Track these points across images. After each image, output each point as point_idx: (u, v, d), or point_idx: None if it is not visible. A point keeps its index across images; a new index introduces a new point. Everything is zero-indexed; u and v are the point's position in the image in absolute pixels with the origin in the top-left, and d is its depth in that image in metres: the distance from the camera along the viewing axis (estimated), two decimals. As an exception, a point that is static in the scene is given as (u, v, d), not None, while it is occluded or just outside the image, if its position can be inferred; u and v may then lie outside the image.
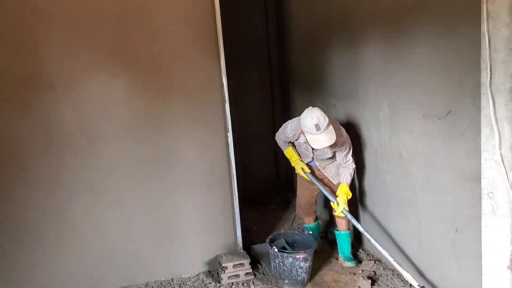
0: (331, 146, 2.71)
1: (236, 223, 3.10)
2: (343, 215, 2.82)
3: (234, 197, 3.08)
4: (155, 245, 2.95)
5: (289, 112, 4.34)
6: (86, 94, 2.66)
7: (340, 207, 2.78)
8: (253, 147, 4.62)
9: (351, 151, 2.86)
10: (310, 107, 2.72)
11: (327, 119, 2.62)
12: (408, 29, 2.41)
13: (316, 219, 3.40)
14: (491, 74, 1.88)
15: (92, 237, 2.81)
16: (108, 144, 2.75)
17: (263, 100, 4.69)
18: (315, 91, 3.68)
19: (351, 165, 2.87)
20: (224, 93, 2.92)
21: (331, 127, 2.63)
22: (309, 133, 2.65)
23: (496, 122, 1.89)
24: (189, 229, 3.01)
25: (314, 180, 3.00)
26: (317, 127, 2.58)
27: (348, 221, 3.00)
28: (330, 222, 3.78)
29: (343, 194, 2.81)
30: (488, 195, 2.00)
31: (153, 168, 2.86)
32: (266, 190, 4.68)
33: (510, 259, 1.99)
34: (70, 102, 2.64)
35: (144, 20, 2.69)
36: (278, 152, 4.75)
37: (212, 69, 2.88)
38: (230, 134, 2.98)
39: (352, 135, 2.94)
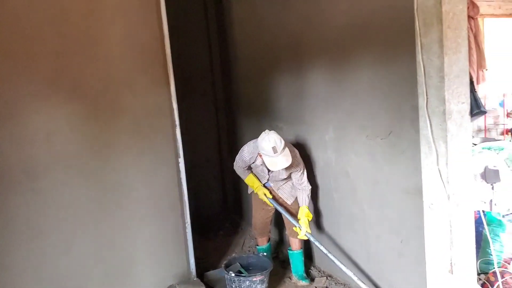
0: (287, 168, 2.81)
1: (189, 251, 3.04)
2: (306, 238, 2.89)
3: (186, 224, 3.03)
4: (106, 284, 2.77)
5: (236, 137, 4.40)
6: (26, 125, 2.47)
7: (302, 231, 2.85)
8: (200, 173, 4.60)
9: (305, 172, 2.98)
10: (267, 130, 2.81)
11: (283, 141, 2.72)
12: (352, 58, 2.63)
13: (269, 239, 3.46)
14: (427, 98, 2.13)
15: (34, 281, 2.56)
16: (51, 178, 2.55)
17: (208, 126, 4.72)
18: (262, 116, 3.79)
19: (307, 186, 2.98)
20: (175, 119, 2.90)
21: (287, 149, 2.74)
22: (266, 155, 2.72)
23: (433, 141, 2.12)
24: (141, 262, 2.88)
25: (276, 205, 3.07)
26: (274, 149, 2.67)
27: (301, 240, 3.10)
28: (280, 242, 3.85)
29: (305, 217, 2.89)
30: (429, 207, 2.22)
31: (101, 202, 2.71)
32: (214, 215, 4.66)
33: (450, 263, 2.21)
34: (7, 133, 2.43)
35: (90, 47, 2.61)
36: (226, 177, 4.79)
37: (162, 96, 2.86)
38: (181, 160, 2.96)
39: (301, 156, 3.08)
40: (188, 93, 4.40)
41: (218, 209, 4.81)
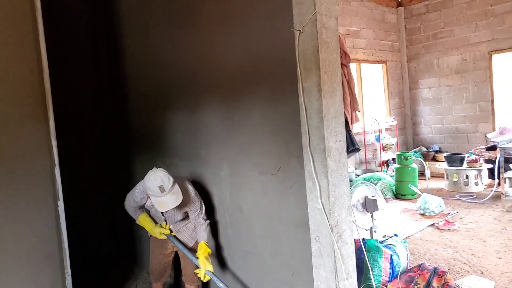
0: (179, 207, 2.72)
1: (71, 305, 2.72)
2: (208, 278, 2.76)
3: (66, 275, 2.72)
4: None
5: (128, 174, 4.17)
6: None
7: (202, 271, 2.74)
8: (88, 215, 4.22)
9: (203, 209, 2.90)
10: (154, 168, 2.69)
11: (171, 179, 2.62)
12: (245, 98, 2.72)
13: (164, 285, 3.25)
14: (309, 137, 2.28)
15: None
16: None
17: (98, 163, 4.40)
18: (156, 152, 3.68)
19: (204, 221, 2.89)
20: (54, 158, 2.65)
21: (176, 187, 2.64)
22: (153, 195, 2.60)
23: (316, 176, 2.27)
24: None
25: (174, 241, 2.91)
26: (161, 188, 2.56)
27: (198, 279, 2.98)
28: (176, 286, 3.68)
29: (202, 254, 2.79)
30: (315, 239, 2.34)
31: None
32: (104, 261, 4.27)
33: (337, 293, 2.33)
34: None
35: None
36: (118, 219, 4.46)
37: (39, 132, 2.60)
38: (61, 203, 2.68)
39: (198, 194, 3.03)
40: (73, 129, 4.09)
41: (108, 253, 4.44)
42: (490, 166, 6.37)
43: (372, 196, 3.77)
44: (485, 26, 7.64)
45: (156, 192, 2.56)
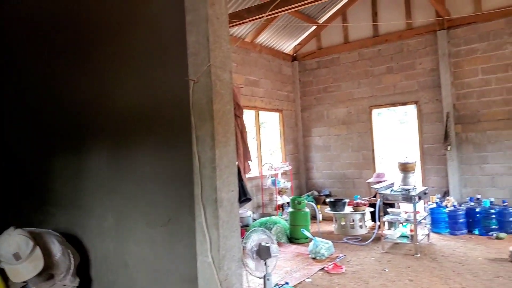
0: (42, 273, 2.33)
1: None
2: None
3: None
4: None
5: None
6: None
7: None
8: None
9: (70, 271, 2.56)
10: (11, 229, 2.28)
11: (31, 244, 2.25)
12: (136, 144, 2.59)
13: None
14: (202, 187, 2.23)
15: None
16: None
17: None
18: (30, 201, 3.25)
19: (70, 284, 2.55)
20: None
21: (37, 251, 2.27)
22: (6, 263, 2.19)
23: (207, 228, 2.20)
24: None
25: None
26: (17, 256, 2.18)
27: None
28: None
29: None
30: (205, 294, 2.24)
31: None
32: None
33: None
34: None
35: None
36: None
37: None
38: None
39: (75, 247, 2.72)
40: None
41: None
42: (372, 210, 6.98)
43: (266, 243, 3.80)
44: (366, 84, 8.65)
45: (10, 259, 2.16)
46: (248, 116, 7.35)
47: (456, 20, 7.47)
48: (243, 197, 2.10)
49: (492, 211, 6.45)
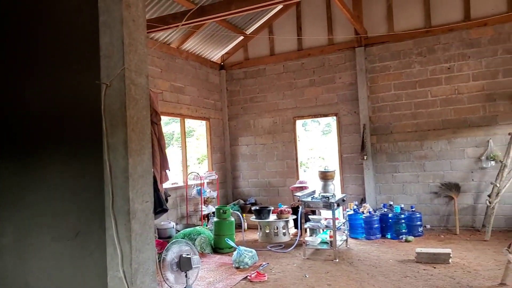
0: None
1: None
2: None
3: None
4: None
5: None
6: None
7: None
8: None
9: None
10: None
11: None
12: (45, 152, 2.38)
13: None
14: (113, 198, 2.10)
15: None
16: None
17: None
18: None
19: None
20: None
21: None
22: None
23: (119, 241, 2.08)
24: None
25: None
26: None
27: None
28: None
29: None
30: (115, 312, 2.10)
31: None
32: None
33: None
34: None
35: None
36: None
37: None
38: None
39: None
40: None
41: None
42: (294, 217, 7.18)
43: (187, 254, 3.71)
44: (290, 95, 8.95)
45: None
46: (175, 124, 7.18)
47: (372, 38, 8.07)
48: (159, 208, 2.01)
49: (402, 216, 6.99)
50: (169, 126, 16.64)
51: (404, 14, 7.90)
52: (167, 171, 2.45)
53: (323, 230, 6.55)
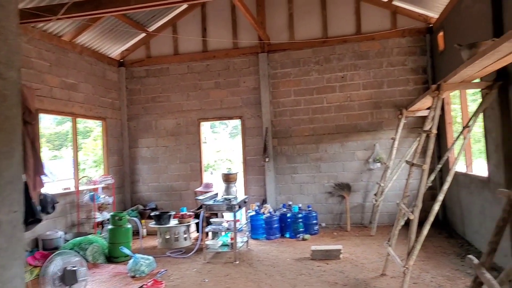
0: None
1: None
2: None
3: None
4: None
5: None
6: None
7: None
8: None
9: None
10: None
11: None
12: None
13: None
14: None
15: None
16: None
17: None
18: None
19: None
20: None
21: None
22: None
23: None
24: None
25: None
26: None
27: None
28: None
29: None
30: None
31: None
32: None
33: None
34: None
35: None
36: None
37: None
38: None
39: None
40: None
41: None
42: (197, 221, 7.06)
43: (72, 267, 3.37)
44: (195, 97, 8.82)
45: None
46: (69, 123, 6.54)
47: (274, 45, 8.35)
48: (31, 218, 1.76)
49: (300, 215, 7.32)
50: (64, 125, 15.22)
51: (304, 23, 8.33)
52: (42, 176, 2.17)
53: (224, 233, 6.55)
